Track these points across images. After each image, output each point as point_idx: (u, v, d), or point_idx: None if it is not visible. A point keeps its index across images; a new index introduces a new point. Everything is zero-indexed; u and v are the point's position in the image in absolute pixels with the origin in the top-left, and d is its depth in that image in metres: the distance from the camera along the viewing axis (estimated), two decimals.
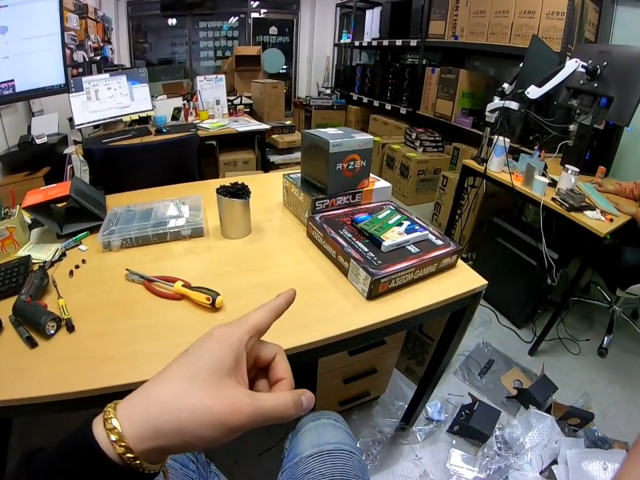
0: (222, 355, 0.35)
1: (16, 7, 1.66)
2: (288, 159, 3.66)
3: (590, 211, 1.75)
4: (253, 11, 6.74)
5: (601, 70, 1.93)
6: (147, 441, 0.31)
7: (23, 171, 2.74)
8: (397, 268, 0.88)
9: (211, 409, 0.32)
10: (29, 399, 0.67)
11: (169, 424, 0.31)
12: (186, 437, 0.31)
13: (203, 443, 0.32)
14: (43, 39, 1.79)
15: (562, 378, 1.91)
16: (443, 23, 3.67)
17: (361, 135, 1.10)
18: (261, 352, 0.41)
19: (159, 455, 0.33)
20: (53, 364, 0.73)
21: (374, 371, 1.47)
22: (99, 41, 4.76)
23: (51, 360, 0.74)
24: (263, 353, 0.41)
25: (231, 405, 0.32)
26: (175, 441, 0.31)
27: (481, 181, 2.36)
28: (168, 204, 1.25)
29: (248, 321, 0.39)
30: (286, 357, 0.42)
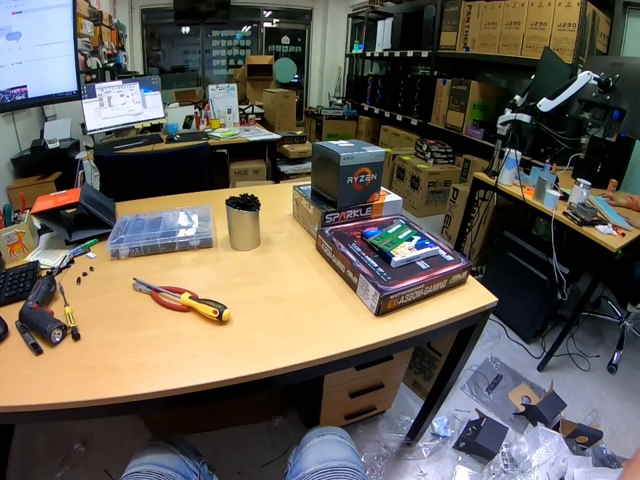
0: None
1: (30, 13, 1.69)
2: (298, 169, 3.68)
3: (602, 226, 1.73)
4: (265, 21, 6.81)
5: (613, 82, 1.91)
6: None
7: (35, 174, 2.78)
8: (407, 284, 0.87)
9: None
10: (31, 406, 0.67)
11: None
12: None
13: None
14: (56, 46, 1.81)
15: (571, 394, 1.88)
16: (454, 34, 3.68)
17: (372, 147, 1.09)
18: None
19: None
20: (57, 372, 0.72)
21: (381, 386, 1.45)
22: (113, 48, 4.82)
23: (55, 368, 0.73)
24: None
25: None
26: None
27: (492, 194, 2.34)
28: (177, 213, 1.25)
29: None
30: None
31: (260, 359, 0.76)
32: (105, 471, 1.41)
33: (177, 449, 0.82)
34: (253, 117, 3.59)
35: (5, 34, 1.65)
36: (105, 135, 2.84)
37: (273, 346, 0.79)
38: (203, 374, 0.72)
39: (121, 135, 2.82)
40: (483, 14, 3.40)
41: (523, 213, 2.18)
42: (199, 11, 6.07)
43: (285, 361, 0.76)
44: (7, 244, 1.09)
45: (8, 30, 1.65)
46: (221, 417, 1.56)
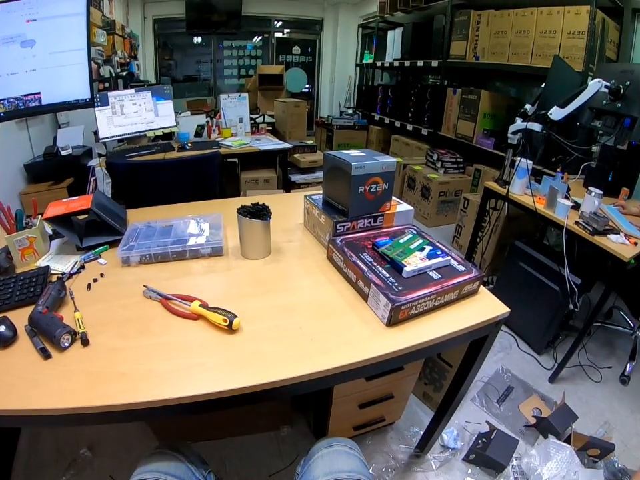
0: None
1: (44, 21, 1.71)
2: (309, 179, 3.70)
3: (614, 235, 1.71)
4: (276, 31, 6.90)
5: (624, 90, 1.90)
6: None
7: (47, 180, 2.81)
8: (418, 295, 0.86)
9: None
10: (38, 410, 0.67)
11: None
12: None
13: None
14: (70, 54, 1.83)
15: (582, 406, 1.85)
16: (464, 44, 3.68)
17: (384, 157, 1.09)
18: None
19: None
20: (65, 377, 0.73)
21: (390, 397, 1.44)
22: (126, 57, 4.90)
23: (63, 373, 0.73)
24: None
25: None
26: None
27: (503, 204, 2.33)
28: (188, 221, 1.25)
29: None
30: None
31: (269, 368, 0.76)
32: (111, 476, 1.41)
33: (183, 456, 0.82)
34: (264, 126, 3.62)
35: (20, 41, 1.68)
36: (117, 142, 2.87)
37: (283, 355, 0.79)
38: (211, 383, 0.72)
39: (132, 143, 2.85)
40: (492, 23, 3.41)
41: (534, 222, 2.16)
42: (211, 21, 6.16)
43: (294, 371, 0.75)
44: (18, 248, 1.11)
45: (22, 37, 1.68)
46: (228, 426, 1.55)
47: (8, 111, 1.73)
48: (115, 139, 2.74)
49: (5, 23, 1.64)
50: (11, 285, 0.98)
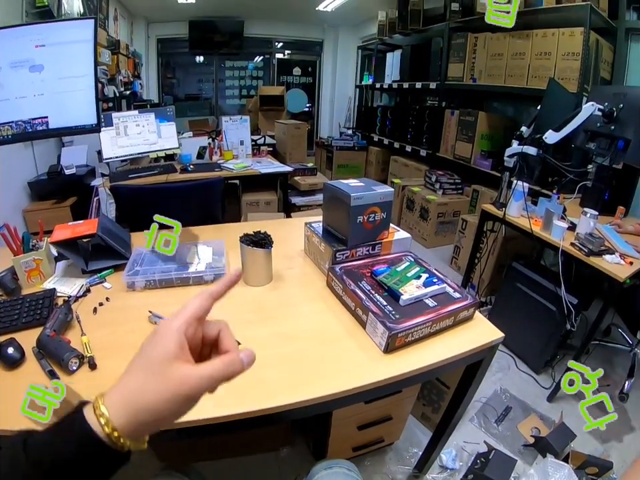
0: (166, 344, 0.42)
1: (53, 47, 1.75)
2: (309, 201, 3.72)
3: (609, 255, 1.74)
4: (277, 52, 7.01)
5: (617, 112, 1.94)
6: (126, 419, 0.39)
7: (51, 198, 2.85)
8: (415, 322, 0.89)
9: (168, 387, 0.40)
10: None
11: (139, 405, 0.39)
12: (157, 414, 0.40)
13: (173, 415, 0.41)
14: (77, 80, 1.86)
15: (581, 425, 1.83)
16: (461, 66, 3.74)
17: (382, 187, 1.12)
18: (205, 332, 0.47)
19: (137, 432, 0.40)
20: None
21: (389, 418, 1.45)
22: (129, 76, 4.96)
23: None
24: (208, 333, 0.47)
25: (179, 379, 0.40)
26: (147, 418, 0.40)
27: (500, 226, 2.36)
28: (191, 247, 1.28)
29: (186, 313, 0.44)
30: (230, 331, 0.48)
31: (271, 394, 0.78)
32: None
33: (189, 478, 0.84)
34: (265, 148, 3.63)
35: (29, 65, 1.71)
36: (120, 162, 2.91)
37: (284, 382, 0.81)
38: (215, 408, 0.74)
39: (135, 164, 2.89)
40: (488, 45, 3.47)
41: (532, 243, 2.19)
42: (213, 41, 6.27)
43: (295, 396, 0.78)
44: (24, 270, 1.13)
45: (31, 62, 1.72)
46: (228, 447, 1.56)
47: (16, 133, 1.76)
48: (119, 159, 2.78)
49: (15, 48, 1.68)
50: (17, 306, 1.00)
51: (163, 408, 0.40)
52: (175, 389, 0.40)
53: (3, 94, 1.68)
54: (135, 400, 0.40)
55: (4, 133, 1.70)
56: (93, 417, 0.39)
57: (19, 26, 2.22)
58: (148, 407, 0.39)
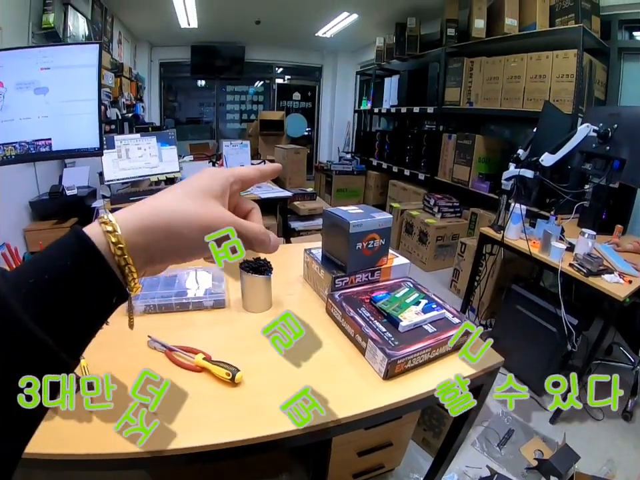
0: (211, 182, 0.39)
1: (58, 70, 1.78)
2: (309, 226, 3.73)
3: (608, 275, 1.75)
4: (277, 77, 7.16)
5: (612, 133, 1.97)
6: (138, 234, 0.34)
7: (52, 219, 2.85)
8: (414, 349, 0.89)
9: (200, 214, 0.36)
10: (39, 454, 0.67)
11: (161, 222, 0.35)
12: (173, 236, 0.35)
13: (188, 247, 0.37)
14: (81, 103, 1.89)
15: (585, 445, 1.83)
16: (458, 90, 3.82)
17: (381, 214, 1.13)
18: (240, 203, 0.46)
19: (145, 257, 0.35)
20: (69, 423, 0.74)
21: (389, 444, 1.44)
22: (132, 99, 5.04)
23: (68, 419, 0.74)
24: (242, 205, 0.46)
25: (216, 213, 0.38)
26: (162, 240, 0.35)
27: (499, 248, 2.37)
28: (191, 272, 1.29)
29: (235, 170, 0.43)
30: (260, 213, 0.47)
31: (270, 421, 0.78)
32: None
33: None
34: None
35: (34, 87, 1.74)
36: (121, 185, 2.93)
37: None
38: (215, 434, 0.74)
39: (136, 186, 2.91)
40: (484, 69, 3.55)
41: (531, 264, 2.20)
42: (215, 66, 6.40)
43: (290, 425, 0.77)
44: None
45: (37, 84, 1.75)
46: (227, 472, 1.54)
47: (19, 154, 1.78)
48: (120, 182, 2.80)
49: (20, 69, 1.71)
50: None
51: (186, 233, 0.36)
52: (208, 218, 0.36)
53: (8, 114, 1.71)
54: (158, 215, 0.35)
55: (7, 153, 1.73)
56: (95, 226, 0.33)
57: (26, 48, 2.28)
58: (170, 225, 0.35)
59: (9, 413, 0.29)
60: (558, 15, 2.96)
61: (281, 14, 5.13)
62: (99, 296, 0.33)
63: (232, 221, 0.38)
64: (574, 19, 2.80)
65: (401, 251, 3.96)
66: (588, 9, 2.81)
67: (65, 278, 0.31)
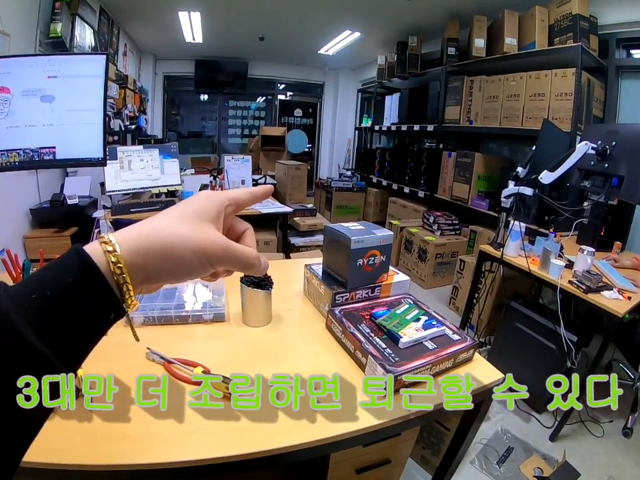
0: (206, 206, 0.41)
1: (65, 79, 1.79)
2: (309, 242, 3.74)
3: (607, 291, 1.75)
4: (279, 93, 7.27)
5: (610, 150, 1.99)
6: (136, 255, 0.35)
7: (52, 227, 2.86)
8: (414, 365, 0.89)
9: (195, 238, 0.38)
10: (35, 463, 0.67)
11: (159, 244, 0.36)
12: (170, 258, 0.37)
13: (183, 268, 0.38)
14: (86, 113, 1.90)
15: (585, 463, 1.81)
16: (458, 109, 3.86)
17: (382, 230, 1.14)
18: (235, 224, 0.47)
19: (142, 276, 0.36)
20: (67, 433, 0.73)
21: (387, 462, 1.42)
22: (135, 111, 5.09)
23: (65, 429, 0.74)
24: (237, 226, 0.47)
25: (211, 237, 0.39)
26: (159, 261, 0.36)
27: (498, 266, 2.38)
28: (191, 285, 1.28)
29: (229, 193, 0.44)
30: (254, 234, 0.48)
31: (269, 436, 0.77)
32: None
33: None
34: None
35: (40, 95, 1.76)
36: (122, 195, 2.94)
37: (282, 424, 0.81)
38: (213, 448, 0.74)
39: (137, 198, 2.92)
40: (484, 88, 3.60)
41: (530, 281, 2.21)
42: (218, 81, 6.49)
43: (292, 439, 0.77)
44: None
45: (43, 92, 1.76)
46: None
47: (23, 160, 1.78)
48: (121, 193, 2.81)
49: (27, 76, 1.72)
50: None
51: (182, 255, 0.37)
52: (203, 242, 0.38)
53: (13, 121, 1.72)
54: (156, 237, 0.37)
55: (11, 160, 1.74)
56: (96, 245, 0.35)
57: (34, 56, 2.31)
58: (167, 248, 0.36)
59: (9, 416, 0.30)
60: (557, 34, 3.02)
61: (284, 31, 5.22)
62: (98, 312, 0.35)
63: (226, 245, 0.40)
64: (572, 37, 2.85)
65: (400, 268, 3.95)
66: (586, 28, 2.87)
67: (66, 294, 0.32)
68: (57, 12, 3.04)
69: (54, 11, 3.04)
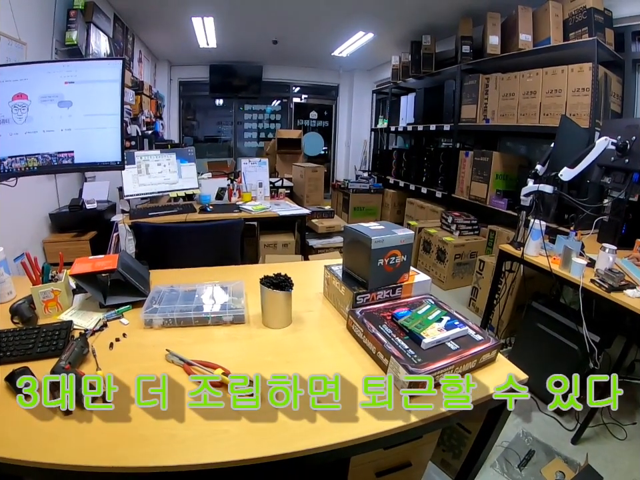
0: None
1: (82, 84, 1.82)
2: (327, 244, 3.76)
3: (630, 290, 1.70)
4: (294, 96, 7.28)
5: (630, 145, 1.93)
6: None
7: (71, 231, 2.89)
8: (437, 366, 0.88)
9: None
10: (55, 464, 0.68)
11: None
12: None
13: None
14: (104, 118, 1.93)
15: (608, 466, 1.77)
16: (474, 107, 3.80)
17: (402, 230, 1.13)
18: None
19: None
20: (84, 434, 0.74)
21: (408, 465, 1.40)
22: (152, 116, 5.15)
23: (83, 430, 0.75)
24: None
25: None
26: None
27: (518, 265, 2.34)
28: (211, 287, 1.29)
29: None
30: None
31: (291, 438, 0.77)
32: None
33: None
34: (283, 191, 3.67)
35: (57, 101, 1.78)
36: (140, 200, 2.98)
37: (304, 427, 0.80)
38: (233, 450, 0.73)
39: (155, 202, 2.95)
40: (500, 86, 3.54)
41: (550, 280, 2.16)
42: (233, 85, 6.54)
43: (314, 442, 0.76)
44: (42, 300, 1.15)
45: (60, 97, 1.79)
46: None
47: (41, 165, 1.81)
48: (139, 197, 2.84)
49: (45, 82, 1.75)
50: (33, 335, 1.00)
51: None
52: None
53: (32, 126, 1.74)
54: None
55: (30, 165, 1.76)
56: None
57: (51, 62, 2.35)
58: None
59: None
60: (571, 28, 2.96)
61: (297, 34, 5.23)
62: None
63: None
64: (587, 32, 2.80)
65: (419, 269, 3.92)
66: (601, 21, 2.81)
67: None
68: (72, 20, 3.09)
69: (69, 19, 3.09)
